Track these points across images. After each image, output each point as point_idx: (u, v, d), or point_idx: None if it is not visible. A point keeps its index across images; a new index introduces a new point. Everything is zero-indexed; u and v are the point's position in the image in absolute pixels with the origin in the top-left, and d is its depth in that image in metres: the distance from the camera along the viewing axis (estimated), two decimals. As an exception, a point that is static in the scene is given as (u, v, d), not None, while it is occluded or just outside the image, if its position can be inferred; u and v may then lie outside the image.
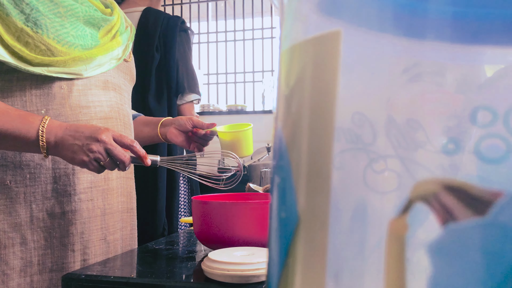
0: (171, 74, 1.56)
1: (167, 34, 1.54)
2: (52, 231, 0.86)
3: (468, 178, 0.14)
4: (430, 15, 0.16)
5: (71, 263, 0.86)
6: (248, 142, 1.00)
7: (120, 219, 0.97)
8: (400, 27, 0.17)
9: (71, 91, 0.88)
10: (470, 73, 0.16)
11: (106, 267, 0.74)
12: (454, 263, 0.14)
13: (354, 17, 0.18)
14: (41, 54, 0.83)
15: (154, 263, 0.78)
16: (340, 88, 0.17)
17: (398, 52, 0.17)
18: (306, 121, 0.19)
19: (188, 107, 1.61)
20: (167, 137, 1.07)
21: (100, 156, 0.78)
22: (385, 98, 0.16)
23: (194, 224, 0.84)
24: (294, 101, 0.20)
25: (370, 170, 0.16)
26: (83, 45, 0.87)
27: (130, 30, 1.02)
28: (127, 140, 0.81)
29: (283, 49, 0.22)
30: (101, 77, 0.93)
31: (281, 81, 0.22)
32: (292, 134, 0.19)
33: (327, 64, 0.18)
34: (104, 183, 0.92)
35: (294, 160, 0.18)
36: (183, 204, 1.67)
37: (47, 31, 0.83)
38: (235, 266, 0.62)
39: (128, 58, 1.02)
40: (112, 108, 0.94)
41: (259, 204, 0.78)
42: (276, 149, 0.20)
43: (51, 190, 0.86)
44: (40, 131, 0.76)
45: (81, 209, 0.88)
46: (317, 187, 0.17)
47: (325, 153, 0.17)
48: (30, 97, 0.85)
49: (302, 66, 0.20)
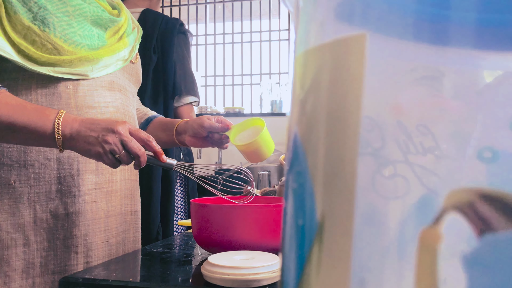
0: (168, 76, 1.55)
1: (166, 36, 1.53)
2: (55, 233, 0.85)
3: (507, 187, 0.13)
4: (453, 22, 0.16)
5: (74, 266, 0.85)
6: (266, 144, 0.94)
7: (123, 221, 0.96)
8: (419, 33, 0.16)
9: (76, 91, 0.87)
10: (501, 79, 0.15)
11: (104, 270, 0.73)
12: (491, 275, 0.13)
13: (373, 23, 0.17)
14: (48, 53, 0.82)
15: (153, 267, 0.77)
16: (365, 91, 0.17)
17: (416, 58, 0.17)
18: (327, 126, 0.18)
19: (186, 109, 1.60)
20: (185, 143, 1.05)
21: (116, 148, 0.76)
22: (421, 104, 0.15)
23: (193, 227, 0.83)
24: (312, 105, 0.19)
25: (399, 177, 0.15)
26: (89, 45, 0.87)
27: (137, 31, 1.02)
28: (144, 134, 0.79)
29: (298, 53, 0.21)
30: (107, 78, 0.92)
31: (296, 85, 0.22)
32: (310, 139, 0.18)
33: (350, 67, 0.18)
34: (108, 185, 0.91)
35: (313, 165, 0.17)
36: (180, 207, 1.66)
37: (54, 30, 0.82)
38: (236, 271, 0.61)
39: (134, 59, 1.01)
40: (118, 110, 0.93)
41: (259, 207, 0.78)
42: (292, 154, 0.20)
43: (55, 191, 0.85)
44: (56, 124, 0.75)
45: (85, 211, 0.87)
46: (340, 194, 0.16)
47: (350, 159, 0.17)
48: (36, 96, 0.84)
49: (321, 69, 0.19)
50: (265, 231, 0.77)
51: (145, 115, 1.13)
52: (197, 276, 0.69)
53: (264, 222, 0.77)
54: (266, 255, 0.69)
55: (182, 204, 1.67)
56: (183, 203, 1.68)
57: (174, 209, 1.59)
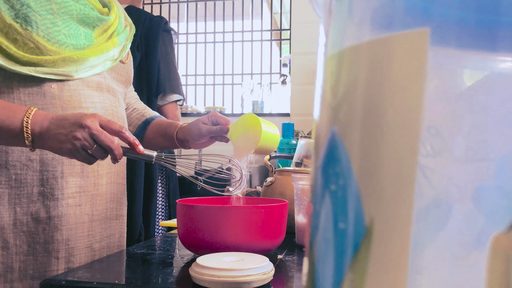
0: (152, 74, 1.53)
1: (150, 34, 1.51)
2: (35, 236, 0.82)
3: None
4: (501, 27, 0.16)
5: (54, 271, 0.83)
6: (270, 140, 0.92)
7: (108, 226, 0.93)
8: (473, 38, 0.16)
9: (62, 90, 0.84)
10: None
11: (87, 272, 0.71)
12: None
13: (433, 19, 0.17)
14: (30, 52, 0.79)
15: (138, 268, 0.76)
16: (426, 89, 0.16)
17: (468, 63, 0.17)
18: (379, 127, 0.17)
19: (171, 108, 1.58)
20: (190, 147, 1.02)
21: (86, 143, 0.72)
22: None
23: (178, 228, 0.82)
24: (357, 104, 0.18)
25: (468, 179, 0.15)
26: (75, 44, 0.84)
27: (129, 29, 0.98)
28: (115, 125, 0.75)
29: (331, 53, 0.20)
30: (95, 78, 0.89)
31: (327, 87, 0.21)
32: (355, 141, 0.17)
33: (409, 65, 0.17)
34: (93, 188, 0.88)
35: (359, 168, 0.17)
36: (161, 208, 1.64)
37: (37, 29, 0.79)
38: (226, 272, 0.61)
39: (125, 59, 0.98)
40: (106, 110, 0.90)
41: (248, 208, 0.77)
42: (327, 154, 0.19)
43: (37, 193, 0.82)
44: (25, 122, 0.72)
45: (68, 215, 0.84)
46: (396, 198, 0.15)
47: (408, 162, 0.16)
48: (18, 94, 0.81)
49: (373, 66, 0.18)
50: (253, 232, 0.77)
51: (142, 116, 1.09)
52: (185, 278, 0.68)
53: (252, 223, 0.77)
54: (256, 256, 0.69)
55: (163, 205, 1.65)
56: (164, 203, 1.66)
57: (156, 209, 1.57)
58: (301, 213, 0.94)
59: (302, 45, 2.47)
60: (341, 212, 0.17)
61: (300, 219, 0.94)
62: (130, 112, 1.10)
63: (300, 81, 2.47)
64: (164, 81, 1.55)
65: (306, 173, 1.12)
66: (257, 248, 0.77)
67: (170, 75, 1.57)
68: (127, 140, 0.77)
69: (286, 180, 1.11)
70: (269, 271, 0.64)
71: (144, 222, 1.52)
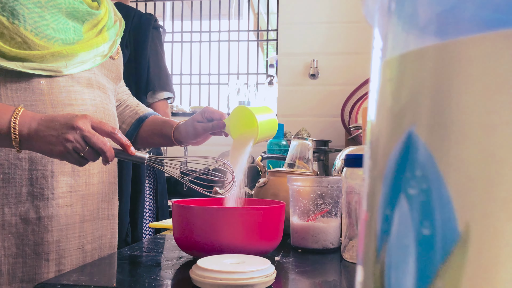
0: (141, 72, 1.50)
1: (139, 31, 1.49)
2: (24, 238, 0.79)
3: None
4: None
5: (44, 274, 0.79)
6: (268, 128, 0.91)
7: (99, 226, 0.91)
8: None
9: (51, 87, 0.81)
10: None
11: (82, 275, 0.69)
12: None
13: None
14: (17, 47, 0.76)
15: (134, 271, 0.74)
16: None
17: None
18: (473, 130, 0.16)
19: (161, 105, 1.56)
20: (187, 146, 1.00)
21: (78, 145, 0.70)
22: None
23: (174, 229, 0.80)
24: (444, 105, 0.17)
25: None
26: (64, 39, 0.81)
27: (119, 24, 0.96)
28: (108, 127, 0.73)
29: (388, 58, 0.20)
30: (85, 74, 0.87)
31: (387, 90, 0.20)
32: (444, 144, 0.16)
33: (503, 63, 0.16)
34: (85, 188, 0.85)
35: (451, 173, 0.16)
36: (148, 209, 1.61)
37: (24, 22, 0.76)
38: (229, 275, 0.60)
39: (115, 55, 0.95)
40: (97, 108, 0.88)
41: (247, 210, 0.76)
42: (403, 156, 0.18)
43: (26, 193, 0.79)
44: (12, 123, 0.69)
45: (59, 215, 0.81)
46: (495, 197, 0.14)
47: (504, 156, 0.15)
48: (5, 91, 0.78)
49: (459, 66, 0.17)
50: (252, 234, 0.76)
51: (136, 114, 1.06)
52: (185, 280, 0.67)
53: (251, 224, 0.76)
54: (256, 258, 0.68)
55: (150, 206, 1.62)
56: (151, 204, 1.63)
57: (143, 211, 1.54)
58: (296, 214, 0.93)
59: (289, 46, 2.47)
60: (425, 218, 0.16)
61: (296, 220, 0.93)
62: (123, 110, 1.08)
63: (287, 82, 2.47)
64: (154, 79, 1.52)
65: (300, 174, 1.11)
66: (255, 250, 0.76)
67: (160, 72, 1.55)
68: (119, 142, 0.75)
69: (279, 181, 1.11)
70: (271, 274, 0.63)
71: (131, 223, 1.49)
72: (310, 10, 2.46)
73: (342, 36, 2.42)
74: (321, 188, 0.90)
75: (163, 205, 1.60)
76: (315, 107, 2.44)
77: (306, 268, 0.77)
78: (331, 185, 0.90)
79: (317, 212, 0.91)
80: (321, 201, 0.91)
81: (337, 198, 0.92)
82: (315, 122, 2.42)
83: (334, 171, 1.15)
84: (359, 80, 2.31)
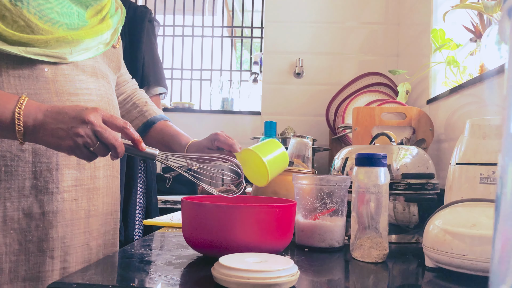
0: (136, 65, 1.46)
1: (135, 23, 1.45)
2: (28, 234, 0.74)
3: None
4: None
5: (49, 272, 0.75)
6: (278, 166, 0.91)
7: (104, 222, 0.87)
8: None
9: (56, 75, 0.77)
10: None
11: (95, 274, 0.66)
12: None
13: None
14: (20, 30, 0.72)
15: (149, 270, 0.71)
16: None
17: None
18: None
19: (155, 101, 1.53)
20: None
21: (89, 140, 0.66)
22: None
23: (184, 227, 0.79)
24: None
25: None
26: (68, 24, 0.77)
27: (120, 12, 0.92)
28: (119, 121, 0.70)
29: None
30: (89, 62, 0.83)
31: None
32: None
33: None
34: (90, 182, 0.82)
35: None
36: (139, 206, 1.57)
37: (27, 5, 0.72)
38: (255, 274, 0.59)
39: (116, 44, 0.92)
40: (102, 98, 0.84)
41: (262, 207, 0.75)
42: None
43: (30, 187, 0.75)
44: (17, 113, 0.65)
45: (64, 210, 0.77)
46: None
47: None
48: (8, 78, 0.73)
49: None
50: (267, 232, 0.75)
51: (143, 116, 1.01)
52: (206, 278, 0.65)
53: (267, 223, 0.75)
54: (277, 257, 0.67)
55: (140, 203, 1.58)
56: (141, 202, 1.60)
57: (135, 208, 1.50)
58: (301, 213, 0.93)
59: (275, 44, 2.47)
60: None
61: (301, 218, 0.93)
62: (129, 108, 1.04)
63: (272, 80, 2.47)
64: (149, 73, 1.49)
65: (300, 172, 1.11)
66: (269, 248, 0.75)
67: (155, 67, 1.51)
68: (130, 137, 0.72)
69: (279, 179, 1.10)
70: (295, 273, 0.62)
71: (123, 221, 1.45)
72: (296, 8, 2.46)
73: (328, 36, 2.44)
74: (329, 187, 0.91)
75: (153, 203, 1.57)
76: (299, 106, 2.45)
77: (320, 267, 0.77)
78: (339, 183, 0.91)
79: (324, 210, 0.91)
80: (328, 200, 0.91)
81: (343, 197, 0.92)
82: (299, 121, 2.43)
83: (334, 170, 1.15)
84: (344, 80, 2.34)
